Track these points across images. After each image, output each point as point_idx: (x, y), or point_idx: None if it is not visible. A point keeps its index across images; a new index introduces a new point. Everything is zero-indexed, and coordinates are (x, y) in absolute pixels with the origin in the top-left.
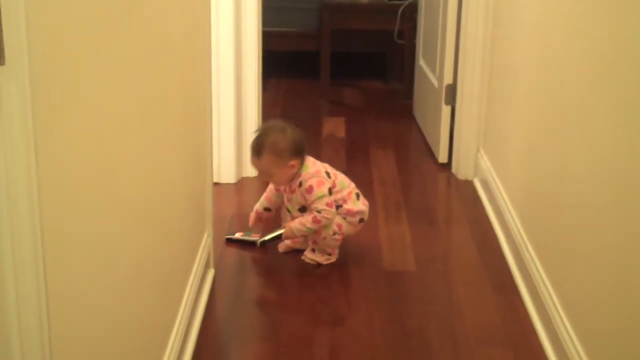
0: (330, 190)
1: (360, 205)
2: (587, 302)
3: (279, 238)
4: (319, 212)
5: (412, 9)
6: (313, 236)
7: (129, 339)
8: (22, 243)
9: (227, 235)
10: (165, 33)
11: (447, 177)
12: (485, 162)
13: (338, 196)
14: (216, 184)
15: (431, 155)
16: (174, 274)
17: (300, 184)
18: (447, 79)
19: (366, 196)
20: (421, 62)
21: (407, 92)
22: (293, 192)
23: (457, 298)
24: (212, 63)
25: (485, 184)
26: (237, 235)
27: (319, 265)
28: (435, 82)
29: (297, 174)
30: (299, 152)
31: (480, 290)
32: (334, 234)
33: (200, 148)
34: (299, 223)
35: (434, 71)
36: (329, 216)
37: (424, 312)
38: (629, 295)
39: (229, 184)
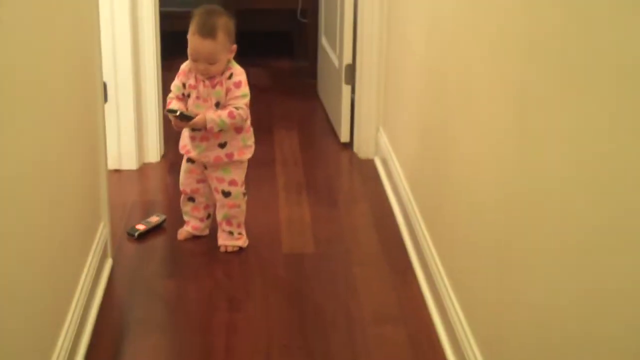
0: None
1: None
2: (470, 276)
3: (187, 119)
4: (237, 108)
5: None
6: (226, 211)
7: (16, 331)
8: None
9: (127, 231)
10: (51, 10)
11: (348, 157)
12: (384, 141)
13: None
14: (117, 170)
15: (334, 134)
16: (66, 263)
17: (231, 76)
18: (347, 59)
19: (268, 177)
20: (323, 41)
21: (312, 71)
22: (215, 86)
23: (353, 278)
24: (108, 44)
25: (385, 163)
26: (139, 227)
27: (240, 249)
28: (336, 62)
29: (228, 66)
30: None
31: (377, 270)
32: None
33: (92, 134)
34: (215, 114)
35: (334, 50)
36: (244, 116)
37: (321, 294)
38: (508, 269)
39: (131, 170)
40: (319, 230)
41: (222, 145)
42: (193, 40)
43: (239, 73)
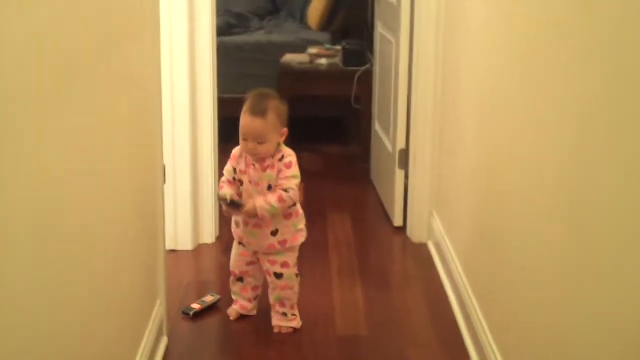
0: None
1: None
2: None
3: (238, 206)
4: (286, 191)
5: (368, 76)
6: (278, 292)
7: None
8: None
9: (183, 310)
10: (117, 96)
11: (402, 241)
12: (438, 225)
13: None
14: (173, 251)
15: (387, 218)
16: (123, 340)
17: (282, 159)
18: (400, 144)
19: (321, 260)
20: (377, 127)
21: (365, 156)
22: (266, 169)
23: None
24: (168, 128)
25: (439, 247)
26: (195, 306)
27: (294, 331)
28: (389, 147)
29: (279, 149)
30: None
31: (431, 353)
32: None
33: (152, 214)
34: (264, 201)
35: (388, 135)
36: (295, 198)
37: None
38: (566, 351)
39: (186, 250)
40: (372, 313)
41: (274, 233)
42: (244, 118)
43: (290, 155)
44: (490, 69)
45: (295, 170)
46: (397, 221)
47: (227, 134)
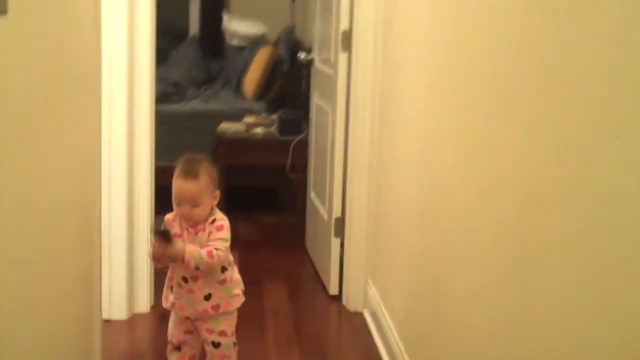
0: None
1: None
2: None
3: (167, 239)
4: (217, 249)
5: (304, 145)
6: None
7: None
8: None
9: None
10: (53, 165)
11: (338, 309)
12: (374, 293)
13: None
14: (107, 320)
15: (322, 287)
16: None
17: (214, 221)
18: (336, 212)
19: (257, 331)
20: (312, 196)
21: (299, 225)
22: (198, 232)
23: None
24: (104, 196)
25: (374, 315)
26: None
27: None
28: (325, 215)
29: (212, 212)
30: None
31: None
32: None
33: (89, 284)
34: (194, 248)
35: (324, 204)
36: (222, 257)
37: None
38: None
39: (120, 320)
40: None
41: (207, 298)
42: (176, 183)
43: (222, 219)
44: (426, 133)
45: (225, 233)
46: (333, 290)
47: (162, 201)
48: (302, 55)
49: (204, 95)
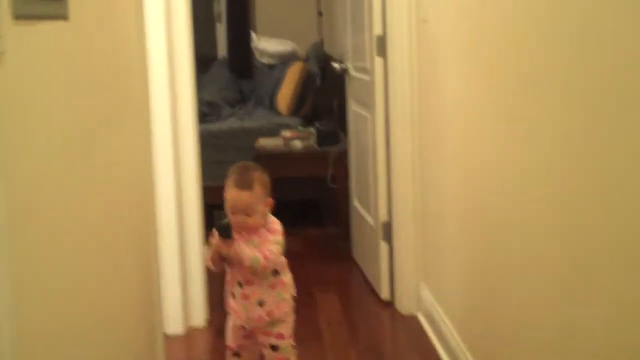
0: None
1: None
2: None
3: (228, 235)
4: (270, 251)
5: (343, 155)
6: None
7: None
8: None
9: None
10: (114, 190)
11: (391, 314)
12: (427, 295)
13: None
14: (165, 335)
15: (374, 293)
16: None
17: (267, 226)
18: (383, 217)
19: (313, 337)
20: (356, 203)
21: (345, 235)
22: (251, 237)
23: None
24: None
25: (430, 317)
26: None
27: None
28: (371, 221)
29: (265, 218)
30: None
31: None
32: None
33: (149, 299)
34: (250, 250)
35: (369, 210)
36: (277, 260)
37: None
38: None
39: (177, 335)
40: None
41: (261, 304)
42: (230, 192)
43: (275, 222)
44: (468, 129)
45: (278, 237)
46: (385, 294)
47: (209, 220)
48: (336, 65)
49: (238, 114)
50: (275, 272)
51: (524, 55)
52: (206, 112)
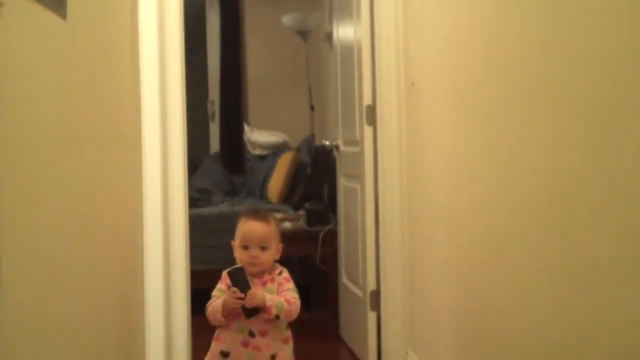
0: None
1: None
2: None
3: (246, 286)
4: (294, 297)
5: (332, 236)
6: None
7: None
8: None
9: None
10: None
11: None
12: None
13: None
14: None
15: None
16: None
17: (281, 272)
18: (371, 285)
19: None
20: (344, 280)
21: (332, 317)
22: (266, 283)
23: None
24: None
25: None
26: None
27: None
28: (359, 293)
29: (275, 266)
30: None
31: None
32: None
33: None
34: (273, 296)
35: (357, 285)
36: (298, 304)
37: None
38: None
39: None
40: None
41: (273, 358)
42: (246, 225)
43: (285, 270)
44: (455, 193)
45: (292, 284)
46: None
47: (194, 305)
48: (327, 143)
49: (230, 200)
50: (288, 326)
51: (510, 110)
52: (197, 197)
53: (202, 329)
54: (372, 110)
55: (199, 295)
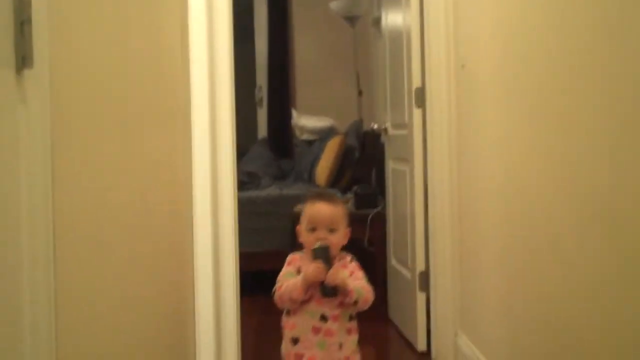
0: None
1: None
2: None
3: (329, 263)
4: (368, 284)
5: (380, 218)
6: None
7: None
8: None
9: None
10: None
11: None
12: (466, 343)
13: None
14: None
15: (410, 346)
16: None
17: (352, 260)
18: (420, 266)
19: None
20: (393, 262)
21: (381, 297)
22: (339, 268)
23: None
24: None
25: None
26: None
27: None
28: (408, 275)
29: (342, 255)
30: None
31: None
32: None
33: None
34: (351, 280)
35: (406, 266)
36: (373, 295)
37: None
38: None
39: None
40: None
41: (340, 346)
42: (316, 207)
43: (355, 259)
44: (507, 176)
45: (363, 273)
46: (421, 346)
47: (243, 287)
48: (375, 126)
49: (278, 184)
50: (351, 317)
51: (565, 93)
52: (246, 181)
53: (250, 309)
54: (421, 93)
55: (247, 277)
